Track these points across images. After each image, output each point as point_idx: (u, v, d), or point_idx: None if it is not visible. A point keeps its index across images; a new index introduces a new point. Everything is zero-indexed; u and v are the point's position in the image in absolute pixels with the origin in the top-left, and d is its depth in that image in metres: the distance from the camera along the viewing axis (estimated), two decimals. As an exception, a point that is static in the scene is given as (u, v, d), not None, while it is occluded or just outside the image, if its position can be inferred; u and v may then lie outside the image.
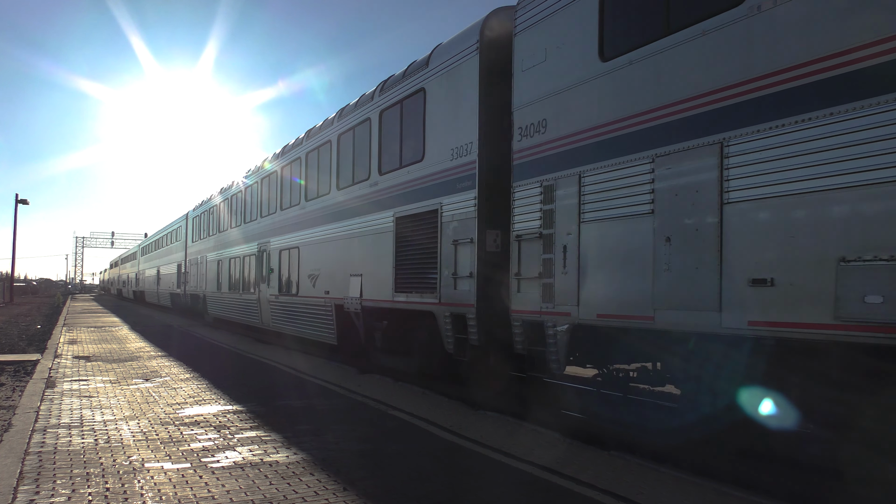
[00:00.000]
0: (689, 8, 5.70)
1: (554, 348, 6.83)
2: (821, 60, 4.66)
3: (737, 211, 5.11)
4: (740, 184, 5.12)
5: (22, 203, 41.37)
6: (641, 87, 6.01)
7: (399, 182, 10.11)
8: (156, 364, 11.95)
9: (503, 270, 7.77)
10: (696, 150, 5.48)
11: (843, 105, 4.48)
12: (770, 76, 4.97)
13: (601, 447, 6.08)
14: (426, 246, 9.28)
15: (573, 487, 4.90)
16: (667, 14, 5.87)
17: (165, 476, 5.01)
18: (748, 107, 5.10)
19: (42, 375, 10.14)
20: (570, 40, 6.89)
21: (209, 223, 24.18)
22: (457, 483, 5.03)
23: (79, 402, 8.03)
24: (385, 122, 10.59)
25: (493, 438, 6.37)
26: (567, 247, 6.74)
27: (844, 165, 4.46)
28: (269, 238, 16.44)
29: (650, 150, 5.87)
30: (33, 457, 5.46)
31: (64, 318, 26.58)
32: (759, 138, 5.01)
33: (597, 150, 6.47)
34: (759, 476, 5.42)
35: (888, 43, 4.30)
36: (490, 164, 8.21)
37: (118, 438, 6.18)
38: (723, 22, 5.31)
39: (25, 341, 16.70)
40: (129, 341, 16.68)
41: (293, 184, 15.02)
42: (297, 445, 6.00)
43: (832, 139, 4.54)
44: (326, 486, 4.82)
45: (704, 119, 5.43)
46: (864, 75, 4.40)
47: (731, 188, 5.18)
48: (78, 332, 19.24)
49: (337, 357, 12.67)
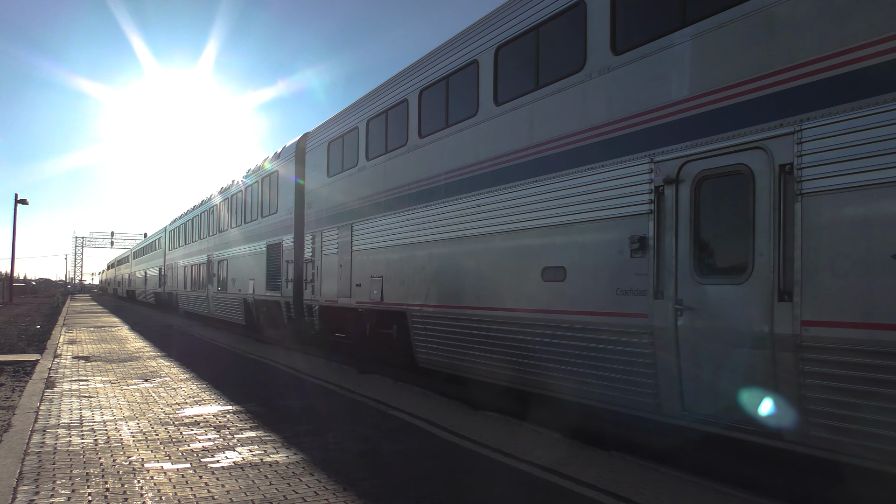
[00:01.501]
0: (389, 142, 11.14)
1: (315, 318, 13.75)
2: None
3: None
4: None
5: (21, 203, 41.35)
6: (344, 190, 12.48)
7: (267, 224, 17.07)
8: (155, 364, 11.95)
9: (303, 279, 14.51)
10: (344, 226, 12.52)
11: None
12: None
13: (601, 447, 6.08)
14: (278, 263, 15.88)
15: (573, 487, 4.90)
16: (387, 141, 11.12)
17: (165, 476, 5.00)
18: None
19: (42, 376, 10.13)
20: (318, 163, 13.89)
21: (179, 237, 30.75)
22: (457, 483, 5.03)
23: (78, 402, 8.03)
24: (263, 185, 17.68)
25: (493, 438, 6.37)
26: (317, 265, 13.61)
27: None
28: (213, 252, 23.11)
29: (349, 221, 12.21)
30: (33, 457, 5.46)
31: (63, 319, 26.57)
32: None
33: (329, 220, 13.14)
34: (759, 476, 5.42)
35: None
36: (299, 219, 14.91)
37: (118, 439, 6.17)
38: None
39: (25, 341, 16.69)
40: (129, 341, 16.67)
41: (222, 216, 22.42)
42: (297, 445, 6.00)
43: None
44: (326, 486, 4.82)
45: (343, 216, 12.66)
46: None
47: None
48: (77, 333, 19.23)
49: (336, 357, 12.77)
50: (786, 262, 4.89)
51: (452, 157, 9.02)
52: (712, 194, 5.54)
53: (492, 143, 8.23)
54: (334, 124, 13.14)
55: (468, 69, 8.72)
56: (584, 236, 6.71)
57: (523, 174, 7.60)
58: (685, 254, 5.65)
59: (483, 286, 8.27)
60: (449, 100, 9.29)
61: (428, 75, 9.73)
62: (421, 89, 9.89)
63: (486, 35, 8.42)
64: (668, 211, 5.81)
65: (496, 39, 8.22)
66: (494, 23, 8.31)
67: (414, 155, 10.02)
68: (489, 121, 8.34)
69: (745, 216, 5.21)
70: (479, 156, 8.46)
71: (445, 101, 9.35)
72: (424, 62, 9.94)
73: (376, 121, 11.28)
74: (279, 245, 15.68)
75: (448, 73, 9.22)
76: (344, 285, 12.19)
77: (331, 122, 13.41)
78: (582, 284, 6.70)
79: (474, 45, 8.66)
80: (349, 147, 12.28)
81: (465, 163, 8.73)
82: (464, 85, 8.88)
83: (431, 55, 9.77)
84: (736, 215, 5.35)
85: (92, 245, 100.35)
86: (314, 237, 13.71)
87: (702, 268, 5.56)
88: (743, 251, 5.22)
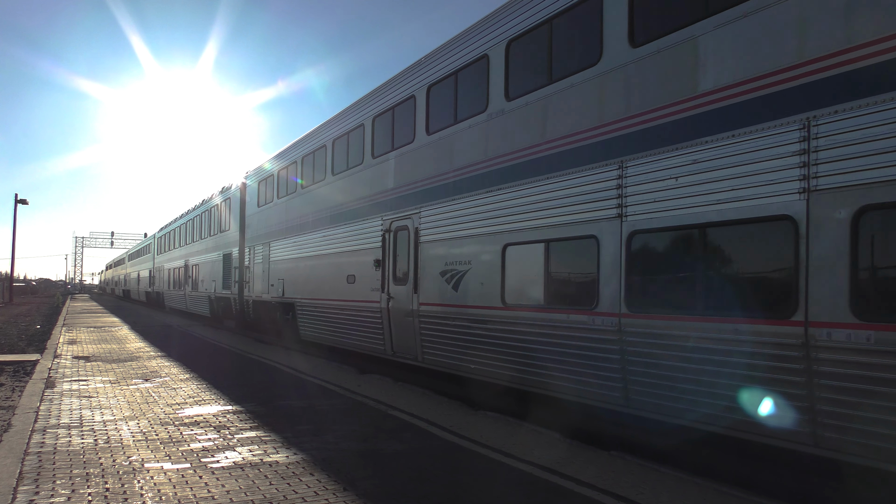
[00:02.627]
0: (288, 187, 16.02)
1: (250, 310, 18.12)
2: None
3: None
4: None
5: (21, 203, 41.35)
6: (265, 218, 17.30)
7: (223, 238, 21.79)
8: (155, 364, 11.94)
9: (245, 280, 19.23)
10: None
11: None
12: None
13: (601, 447, 6.08)
14: (229, 268, 20.53)
15: (573, 487, 4.90)
16: (287, 186, 15.98)
17: (165, 476, 5.00)
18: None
19: (42, 376, 10.13)
20: (252, 195, 18.54)
21: (165, 243, 36.48)
22: (457, 483, 5.03)
23: (78, 402, 8.03)
24: (222, 207, 22.08)
25: (493, 438, 6.37)
26: (253, 269, 17.96)
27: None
28: (188, 257, 27.90)
29: (268, 240, 16.91)
30: (33, 457, 5.46)
31: (63, 319, 26.57)
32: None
33: (258, 238, 17.76)
34: (759, 476, 5.42)
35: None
36: (241, 236, 19.40)
37: (118, 439, 6.17)
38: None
39: (25, 341, 16.69)
40: (129, 341, 16.67)
41: (195, 228, 27.13)
42: (297, 445, 6.00)
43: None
44: (326, 486, 4.82)
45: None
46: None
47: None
48: (77, 333, 19.23)
49: (336, 357, 12.77)
50: (416, 274, 9.77)
51: (313, 205, 14.19)
52: (397, 238, 10.47)
53: (326, 200, 13.48)
54: (262, 168, 18.02)
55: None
56: (361, 258, 11.56)
57: (341, 220, 12.66)
58: (390, 270, 10.58)
59: (321, 285, 13.35)
60: (315, 162, 14.10)
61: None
62: (303, 155, 14.77)
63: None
64: (387, 246, 10.71)
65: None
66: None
67: (299, 199, 14.98)
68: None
69: (406, 251, 10.13)
70: (326, 203, 13.46)
71: (312, 165, 14.22)
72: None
73: (285, 170, 16.03)
74: (230, 255, 20.65)
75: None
76: (265, 285, 16.91)
77: (260, 168, 18.28)
78: (363, 284, 11.43)
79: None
80: (269, 186, 17.19)
81: (318, 208, 13.85)
82: (318, 160, 13.96)
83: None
84: (405, 250, 10.18)
85: (92, 245, 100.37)
86: (250, 250, 18.51)
87: (394, 278, 10.46)
88: (406, 269, 10.10)
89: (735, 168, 5.27)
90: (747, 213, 5.15)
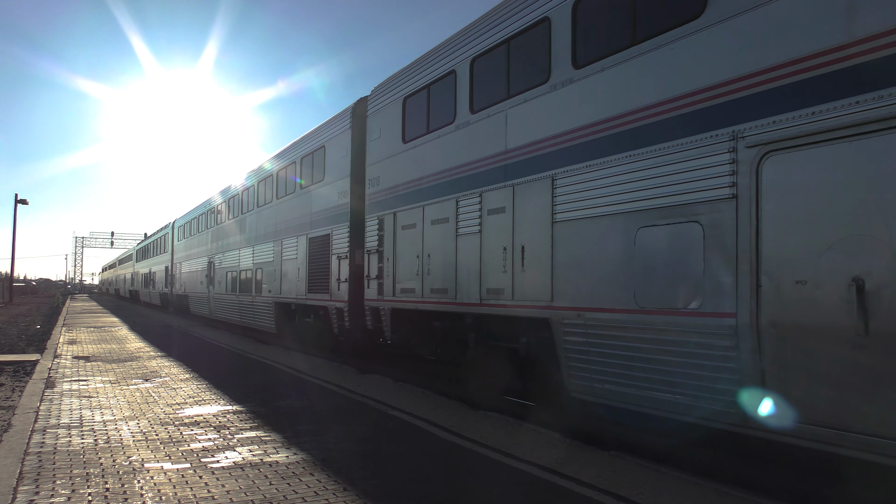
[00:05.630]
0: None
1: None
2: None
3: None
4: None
5: (21, 203, 41.34)
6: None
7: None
8: (155, 364, 11.94)
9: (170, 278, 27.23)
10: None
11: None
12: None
13: (601, 447, 6.08)
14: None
15: (573, 487, 4.90)
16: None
17: (165, 476, 5.00)
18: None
19: (42, 376, 10.13)
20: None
21: (146, 251, 41.63)
22: (457, 483, 5.03)
23: (78, 402, 8.03)
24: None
25: (493, 438, 6.37)
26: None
27: None
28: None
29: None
30: (33, 457, 5.46)
31: (63, 319, 26.57)
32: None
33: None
34: (759, 476, 5.42)
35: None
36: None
37: (118, 439, 6.17)
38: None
39: (25, 341, 16.69)
40: (129, 341, 16.67)
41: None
42: (297, 445, 6.00)
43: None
44: (326, 486, 4.82)
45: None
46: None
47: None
48: (77, 333, 19.23)
49: (337, 357, 12.76)
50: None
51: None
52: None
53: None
54: (222, 190, 21.50)
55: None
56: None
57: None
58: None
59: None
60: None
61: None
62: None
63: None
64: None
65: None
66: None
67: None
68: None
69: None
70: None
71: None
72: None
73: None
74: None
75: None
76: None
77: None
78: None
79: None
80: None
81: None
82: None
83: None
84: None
85: (92, 245, 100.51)
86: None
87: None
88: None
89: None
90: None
